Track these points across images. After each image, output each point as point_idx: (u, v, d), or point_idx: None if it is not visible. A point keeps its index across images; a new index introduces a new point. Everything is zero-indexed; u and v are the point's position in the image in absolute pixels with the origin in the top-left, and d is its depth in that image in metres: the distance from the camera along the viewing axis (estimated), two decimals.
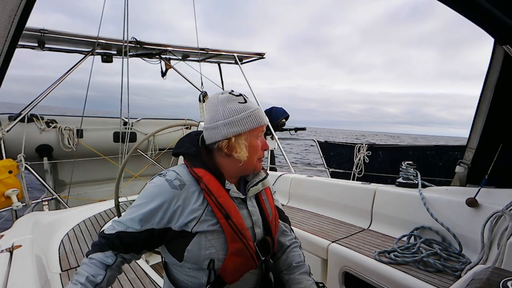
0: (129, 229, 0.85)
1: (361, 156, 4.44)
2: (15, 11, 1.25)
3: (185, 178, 0.90)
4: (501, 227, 1.54)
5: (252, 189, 0.98)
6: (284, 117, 5.47)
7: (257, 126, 0.92)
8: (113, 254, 0.86)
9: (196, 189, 0.89)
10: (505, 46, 1.60)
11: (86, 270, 0.81)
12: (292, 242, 1.10)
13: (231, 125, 0.90)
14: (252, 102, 0.98)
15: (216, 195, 0.87)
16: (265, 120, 0.96)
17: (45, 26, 3.64)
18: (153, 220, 0.85)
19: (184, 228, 0.85)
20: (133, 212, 0.87)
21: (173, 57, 5.04)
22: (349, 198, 2.58)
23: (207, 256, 0.86)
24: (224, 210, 0.87)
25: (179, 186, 0.87)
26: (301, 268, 1.04)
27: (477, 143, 2.08)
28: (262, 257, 0.96)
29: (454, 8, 1.43)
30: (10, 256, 1.54)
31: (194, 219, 0.86)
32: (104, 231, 0.88)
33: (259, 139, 0.95)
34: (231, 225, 0.87)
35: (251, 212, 0.96)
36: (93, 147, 4.74)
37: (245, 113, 0.91)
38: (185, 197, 0.87)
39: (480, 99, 1.99)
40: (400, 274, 1.58)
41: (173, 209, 0.85)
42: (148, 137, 1.93)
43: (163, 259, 1.00)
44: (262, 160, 0.99)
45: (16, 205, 2.77)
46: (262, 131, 0.96)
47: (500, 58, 1.80)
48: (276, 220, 1.05)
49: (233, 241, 0.88)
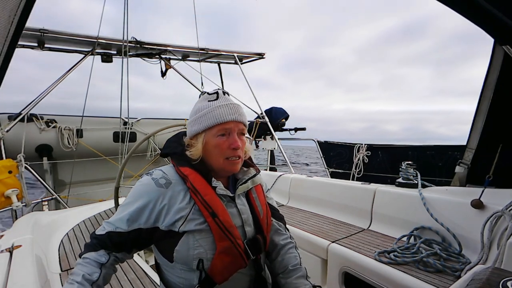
0: (118, 229, 0.86)
1: (361, 156, 4.44)
2: (14, 11, 1.25)
3: (171, 177, 0.90)
4: (501, 227, 1.54)
5: (241, 187, 0.96)
6: (284, 117, 5.46)
7: (212, 124, 0.89)
8: (106, 253, 0.86)
9: (183, 188, 0.89)
10: (505, 46, 1.60)
11: (81, 270, 0.81)
12: (287, 242, 1.07)
13: (192, 124, 0.93)
14: (227, 99, 0.94)
15: (202, 193, 0.87)
16: (228, 117, 0.89)
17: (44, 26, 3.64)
18: (140, 219, 0.85)
19: (171, 228, 0.85)
20: (120, 212, 0.88)
21: (173, 57, 5.04)
22: (349, 198, 2.58)
23: (195, 256, 0.86)
24: (211, 208, 0.86)
25: (164, 185, 0.87)
26: (298, 272, 1.01)
27: (477, 143, 2.08)
28: (252, 256, 0.93)
29: (454, 8, 1.43)
30: (10, 256, 1.53)
31: (181, 218, 0.85)
32: (95, 232, 0.89)
33: (222, 138, 0.90)
34: (218, 223, 0.86)
35: (241, 210, 0.94)
36: (93, 147, 4.74)
37: (203, 111, 0.91)
38: (171, 196, 0.87)
39: (480, 99, 1.99)
40: (400, 274, 1.58)
41: (159, 208, 0.86)
42: (148, 137, 1.94)
43: (156, 260, 0.99)
44: (236, 161, 0.92)
45: (16, 205, 2.77)
46: (224, 129, 0.89)
47: (500, 58, 1.80)
48: (268, 218, 1.03)
49: (220, 239, 0.87)
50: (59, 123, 4.48)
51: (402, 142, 4.10)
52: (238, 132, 0.93)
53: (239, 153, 0.92)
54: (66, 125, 4.50)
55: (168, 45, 4.75)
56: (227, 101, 0.93)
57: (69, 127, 4.51)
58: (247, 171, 1.02)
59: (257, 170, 1.04)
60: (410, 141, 13.46)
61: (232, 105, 0.93)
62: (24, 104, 3.89)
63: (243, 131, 0.95)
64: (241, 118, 0.93)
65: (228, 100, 0.94)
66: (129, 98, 3.79)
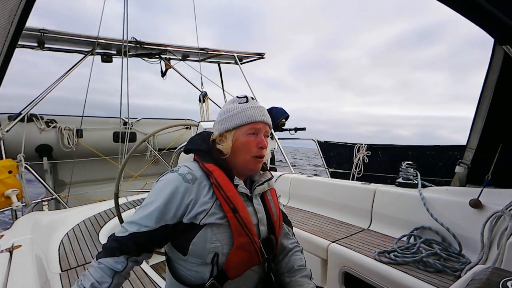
0: (143, 228, 0.84)
1: (361, 156, 4.44)
2: (14, 11, 1.25)
3: (197, 172, 0.93)
4: (501, 227, 1.54)
5: (258, 188, 1.00)
6: (284, 117, 5.46)
7: (244, 123, 0.95)
8: (124, 260, 0.84)
9: (207, 183, 0.92)
10: (505, 46, 1.60)
11: (93, 275, 0.80)
12: (294, 246, 1.12)
13: (222, 122, 0.99)
14: (255, 103, 1.00)
15: (225, 189, 0.90)
16: (259, 118, 0.96)
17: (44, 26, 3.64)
18: (167, 215, 0.86)
19: (193, 220, 0.87)
20: (146, 209, 0.87)
21: (173, 57, 5.04)
22: (349, 198, 2.58)
23: (211, 249, 0.87)
24: (232, 204, 0.89)
25: (191, 180, 0.90)
26: (303, 272, 1.05)
27: (477, 143, 2.08)
28: (266, 255, 0.97)
29: (454, 8, 1.43)
30: (10, 256, 1.53)
31: (204, 211, 0.87)
32: (115, 234, 0.86)
33: (251, 136, 0.96)
34: (238, 218, 0.89)
35: (257, 209, 0.98)
36: (93, 147, 4.74)
37: (234, 111, 0.97)
38: (197, 191, 0.90)
39: (480, 99, 1.99)
40: (400, 274, 1.58)
41: (187, 203, 0.88)
42: (148, 137, 1.93)
43: (166, 255, 1.01)
44: (260, 160, 0.98)
45: (16, 205, 2.77)
46: (253, 128, 0.96)
47: (500, 58, 1.80)
48: (280, 220, 1.07)
49: (239, 235, 0.89)
50: (59, 123, 4.48)
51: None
52: (265, 133, 0.99)
53: (264, 153, 0.97)
54: (66, 125, 4.50)
55: (168, 45, 4.75)
56: (256, 104, 1.00)
57: (69, 127, 4.51)
58: (263, 174, 1.06)
59: (271, 175, 1.08)
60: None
61: (261, 108, 1.00)
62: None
63: (267, 134, 1.01)
64: (268, 120, 1.00)
65: (257, 104, 1.01)
66: (129, 97, 3.80)
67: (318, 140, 5.24)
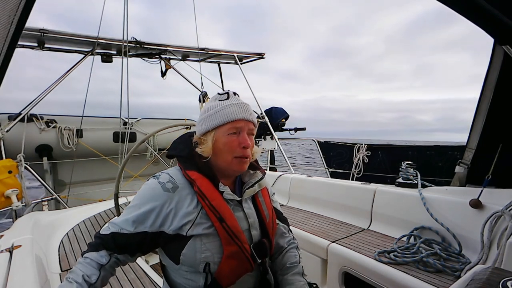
0: (123, 230, 0.86)
1: (361, 156, 4.44)
2: (14, 11, 1.24)
3: (179, 180, 0.89)
4: (501, 227, 1.54)
5: (248, 191, 0.96)
6: (284, 117, 5.46)
7: (223, 122, 0.88)
8: (107, 254, 0.86)
9: (190, 192, 0.88)
10: (505, 46, 1.60)
11: (82, 270, 0.81)
12: (289, 244, 1.09)
13: (201, 123, 0.93)
14: (237, 99, 0.94)
15: (209, 198, 0.86)
16: (240, 115, 0.89)
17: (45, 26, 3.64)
18: (146, 223, 0.85)
19: (179, 232, 0.85)
20: (127, 214, 0.87)
21: (173, 57, 5.04)
22: (349, 198, 2.58)
23: (202, 259, 0.86)
24: (218, 213, 0.86)
25: (171, 189, 0.87)
26: (294, 269, 1.02)
27: (477, 143, 2.08)
28: (258, 260, 0.94)
29: (453, 8, 1.43)
30: (10, 256, 1.53)
31: (189, 222, 0.85)
32: (100, 232, 0.89)
33: (233, 136, 0.89)
34: (225, 228, 0.86)
35: (247, 214, 0.94)
36: (93, 147, 4.74)
37: (213, 110, 0.91)
38: (178, 200, 0.86)
39: (479, 99, 1.99)
40: (400, 274, 1.58)
41: (166, 213, 0.85)
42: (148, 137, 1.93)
43: (161, 262, 1.00)
44: (244, 160, 0.91)
45: (16, 205, 2.77)
46: (234, 127, 0.89)
47: (500, 58, 1.80)
48: (274, 221, 1.03)
49: (228, 244, 0.87)
50: (59, 123, 4.48)
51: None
52: (248, 131, 0.92)
53: (248, 153, 0.91)
54: (66, 125, 4.50)
55: (168, 45, 4.75)
56: (237, 100, 0.93)
57: (69, 127, 4.51)
58: (254, 174, 1.01)
59: (263, 172, 1.03)
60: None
61: (243, 104, 0.92)
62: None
63: (252, 132, 0.94)
64: (251, 117, 0.93)
65: (239, 100, 0.94)
66: (129, 96, 3.80)
67: (318, 140, 5.24)
